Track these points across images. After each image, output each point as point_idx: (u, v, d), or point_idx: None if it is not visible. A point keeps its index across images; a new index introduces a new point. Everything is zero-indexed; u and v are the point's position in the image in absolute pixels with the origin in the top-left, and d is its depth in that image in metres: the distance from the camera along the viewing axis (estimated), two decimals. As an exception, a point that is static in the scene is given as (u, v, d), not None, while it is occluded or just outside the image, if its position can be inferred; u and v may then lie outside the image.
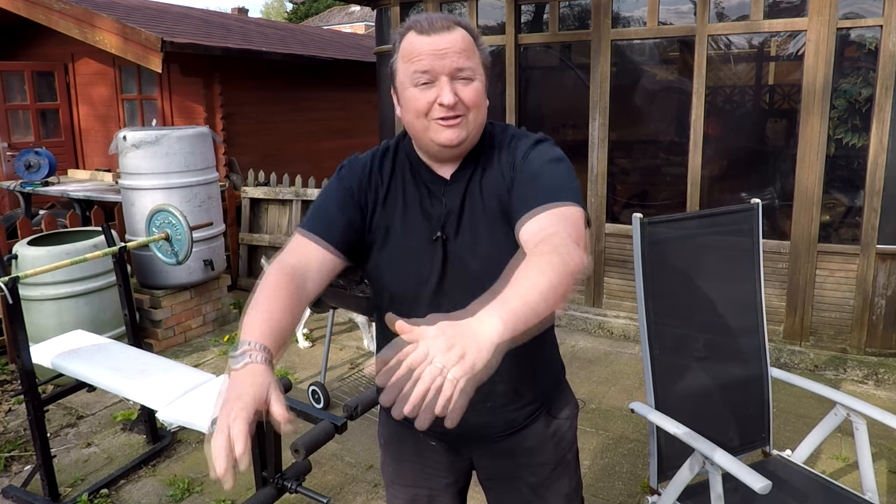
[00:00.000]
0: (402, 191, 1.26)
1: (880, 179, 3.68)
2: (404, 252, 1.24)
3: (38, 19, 6.25)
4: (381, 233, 1.25)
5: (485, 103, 1.20)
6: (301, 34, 9.65)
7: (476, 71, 1.17)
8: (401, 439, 1.47)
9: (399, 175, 1.27)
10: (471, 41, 1.18)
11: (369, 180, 1.27)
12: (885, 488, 2.71)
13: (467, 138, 1.19)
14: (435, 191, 1.24)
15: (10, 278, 2.47)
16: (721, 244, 2.16)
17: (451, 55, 1.13)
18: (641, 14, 4.25)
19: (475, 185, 1.23)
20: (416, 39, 1.16)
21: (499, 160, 1.23)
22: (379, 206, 1.26)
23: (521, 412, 1.37)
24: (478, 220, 1.21)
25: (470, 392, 0.81)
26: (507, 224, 1.17)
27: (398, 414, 0.78)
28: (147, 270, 4.37)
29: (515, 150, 1.22)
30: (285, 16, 33.28)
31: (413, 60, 1.15)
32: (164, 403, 2.24)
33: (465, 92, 1.15)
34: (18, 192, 5.92)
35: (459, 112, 1.16)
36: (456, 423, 0.79)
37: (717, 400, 2.13)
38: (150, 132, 4.29)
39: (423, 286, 1.23)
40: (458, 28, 1.17)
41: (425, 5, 4.83)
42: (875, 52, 3.64)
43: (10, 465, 3.02)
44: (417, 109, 1.16)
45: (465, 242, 1.21)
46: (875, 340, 3.87)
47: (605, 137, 4.42)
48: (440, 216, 1.22)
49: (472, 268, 1.20)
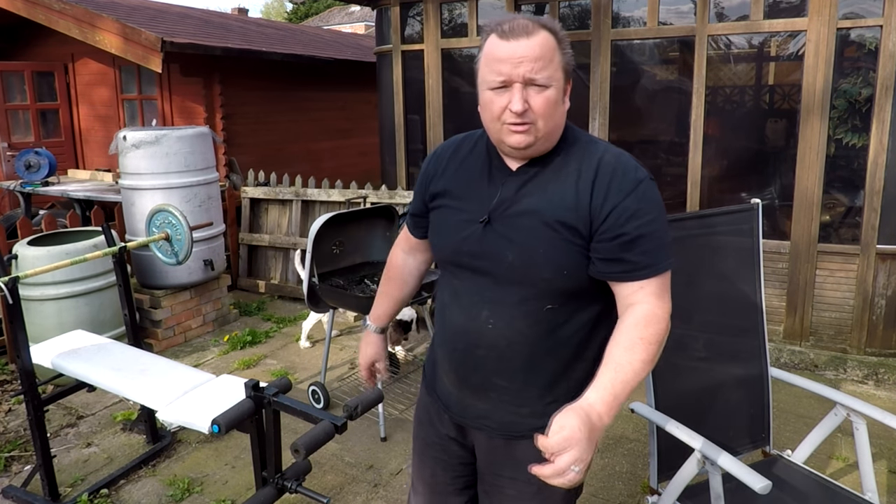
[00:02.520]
0: (469, 171, 1.37)
1: (880, 179, 3.69)
2: (454, 223, 1.34)
3: (39, 19, 6.25)
4: (441, 203, 1.39)
5: (559, 110, 1.24)
6: (301, 34, 9.65)
7: (553, 78, 1.20)
8: (424, 404, 1.57)
9: (472, 158, 1.38)
10: (552, 46, 1.20)
11: (440, 158, 1.43)
12: (885, 488, 2.71)
13: (535, 143, 1.23)
14: (497, 178, 1.31)
15: (10, 278, 2.47)
16: (721, 244, 2.16)
17: (526, 63, 1.17)
18: (641, 14, 4.25)
19: (536, 183, 1.27)
20: (497, 43, 1.20)
21: (578, 173, 1.25)
22: (441, 182, 1.40)
23: (521, 421, 1.36)
24: (525, 217, 1.25)
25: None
26: (565, 233, 1.22)
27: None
28: (147, 270, 4.37)
29: (612, 180, 1.23)
30: (285, 16, 33.28)
31: (491, 64, 1.20)
32: (164, 403, 2.24)
33: (537, 100, 1.19)
34: (18, 192, 5.92)
35: (528, 119, 1.20)
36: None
37: (717, 400, 2.13)
38: (150, 132, 4.29)
39: (464, 257, 1.32)
40: (541, 32, 1.19)
41: (425, 5, 4.83)
42: (875, 52, 3.64)
43: (10, 465, 3.02)
44: (492, 111, 1.23)
45: (506, 232, 1.26)
46: (875, 340, 3.87)
47: (604, 137, 4.41)
48: (492, 202, 1.29)
49: (508, 257, 1.25)
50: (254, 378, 2.23)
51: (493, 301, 1.29)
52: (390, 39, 5.11)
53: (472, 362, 1.34)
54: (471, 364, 1.35)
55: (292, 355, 4.28)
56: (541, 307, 1.26)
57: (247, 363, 4.12)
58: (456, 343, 1.37)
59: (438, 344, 1.46)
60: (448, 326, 1.40)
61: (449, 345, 1.40)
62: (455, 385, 1.41)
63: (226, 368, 4.06)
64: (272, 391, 1.96)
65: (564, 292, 1.26)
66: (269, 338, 4.60)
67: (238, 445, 3.12)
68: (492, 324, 1.29)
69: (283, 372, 3.99)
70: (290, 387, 2.02)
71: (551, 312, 1.25)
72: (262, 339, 4.55)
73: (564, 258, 1.22)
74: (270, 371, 4.02)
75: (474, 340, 1.32)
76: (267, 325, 4.85)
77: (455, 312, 1.37)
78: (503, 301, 1.28)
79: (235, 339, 4.47)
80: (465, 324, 1.34)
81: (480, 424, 1.40)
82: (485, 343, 1.30)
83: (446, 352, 1.41)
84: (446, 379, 1.44)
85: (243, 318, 5.00)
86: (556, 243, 1.22)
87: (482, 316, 1.30)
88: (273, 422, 1.98)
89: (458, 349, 1.36)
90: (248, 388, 1.96)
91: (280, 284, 5.57)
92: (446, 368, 1.42)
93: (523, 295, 1.26)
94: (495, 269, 1.27)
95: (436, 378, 1.50)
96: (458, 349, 1.36)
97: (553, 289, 1.25)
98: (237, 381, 2.35)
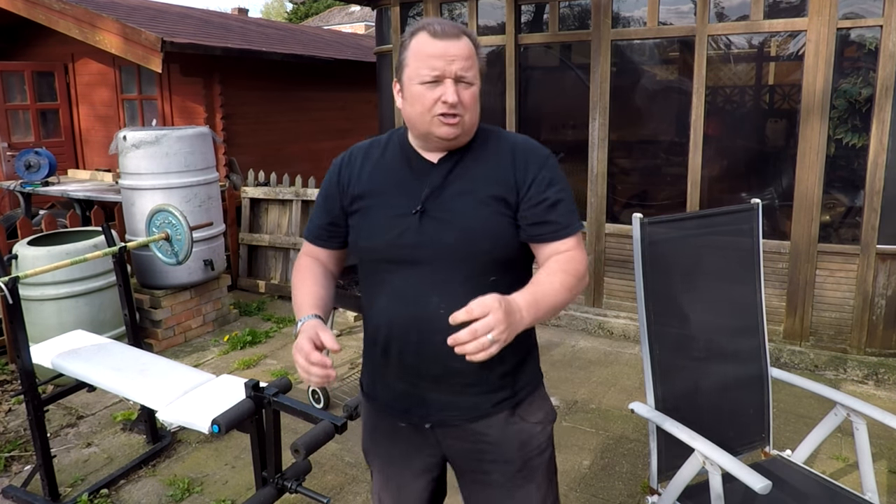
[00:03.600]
0: (388, 171, 1.43)
1: (880, 179, 3.68)
2: (384, 220, 1.39)
3: (39, 19, 6.24)
4: (364, 204, 1.42)
5: (478, 106, 1.38)
6: (301, 34, 9.65)
7: (476, 77, 1.35)
8: (373, 421, 1.56)
9: (387, 159, 1.44)
10: (473, 50, 1.34)
11: (350, 165, 1.47)
12: (885, 488, 2.71)
13: (462, 134, 1.35)
14: (420, 172, 1.40)
15: (10, 278, 2.47)
16: (721, 244, 2.16)
17: (458, 61, 1.30)
18: (641, 14, 4.25)
19: (461, 169, 1.39)
20: (429, 41, 1.31)
21: (497, 155, 1.40)
22: (359, 184, 1.43)
23: (486, 398, 1.41)
24: (458, 198, 1.36)
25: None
26: (497, 206, 1.35)
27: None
28: (147, 270, 4.37)
29: (528, 157, 1.40)
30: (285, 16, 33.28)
31: (424, 60, 1.30)
32: (164, 403, 2.24)
33: (465, 95, 1.32)
34: (18, 192, 5.92)
35: (458, 112, 1.31)
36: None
37: (717, 400, 2.13)
38: (150, 132, 4.29)
39: (402, 250, 1.36)
40: (465, 37, 1.33)
41: (425, 5, 4.83)
42: (875, 52, 3.64)
43: (10, 465, 3.02)
44: (423, 104, 1.31)
45: (443, 216, 1.35)
46: (875, 340, 3.87)
47: (605, 137, 4.42)
48: (422, 193, 1.37)
49: (448, 239, 1.34)
50: (254, 378, 2.23)
51: (440, 285, 1.33)
52: (390, 39, 5.11)
53: (431, 352, 1.34)
54: (429, 354, 1.35)
55: (292, 355, 4.28)
56: (486, 280, 1.32)
57: (247, 363, 4.12)
58: (407, 338, 1.37)
59: (380, 350, 1.43)
60: (391, 325, 1.39)
61: (397, 343, 1.38)
62: (411, 383, 1.41)
63: (226, 368, 4.06)
64: (272, 391, 1.96)
65: (502, 262, 1.38)
66: (269, 338, 4.60)
67: (238, 445, 3.12)
68: (444, 308, 1.29)
69: (283, 372, 3.99)
70: (290, 387, 2.02)
71: (494, 285, 1.27)
72: (262, 339, 4.55)
73: (499, 228, 1.35)
74: (270, 371, 4.02)
75: (428, 328, 1.33)
76: (267, 325, 4.85)
77: (397, 308, 1.37)
78: (449, 283, 1.33)
79: (235, 339, 4.47)
80: (414, 315, 1.35)
81: (444, 416, 1.41)
82: (439, 329, 1.26)
83: (395, 351, 1.39)
84: (398, 381, 1.43)
85: (243, 318, 5.00)
86: (491, 216, 1.35)
87: (432, 303, 1.33)
88: (273, 422, 1.98)
89: (412, 342, 1.36)
90: (248, 388, 1.96)
91: (280, 284, 5.57)
92: (397, 370, 1.41)
93: (467, 273, 1.34)
94: (437, 255, 1.34)
95: (381, 387, 1.48)
96: (412, 342, 1.36)
97: (492, 259, 1.36)
98: (237, 381, 2.35)
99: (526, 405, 1.46)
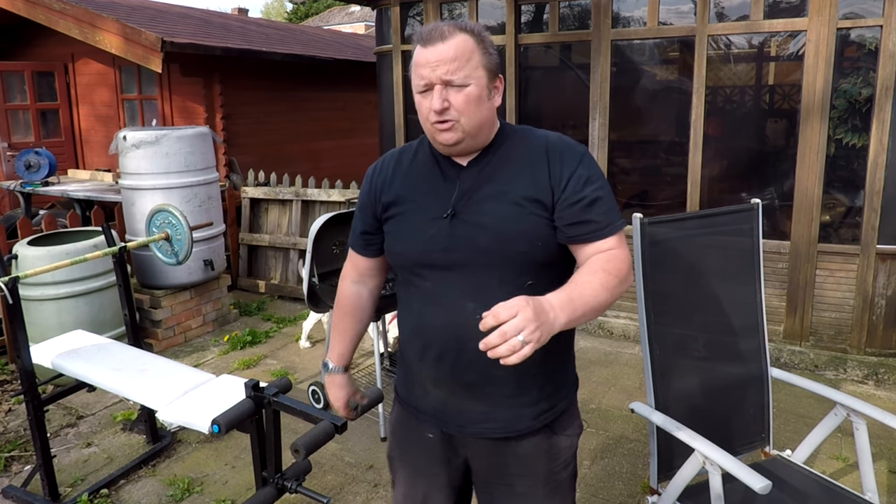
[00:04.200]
0: (419, 176, 1.40)
1: (880, 179, 3.68)
2: (417, 224, 1.37)
3: (39, 19, 6.25)
4: (397, 210, 1.41)
5: (484, 106, 1.31)
6: (301, 34, 9.65)
7: (471, 77, 1.27)
8: (405, 428, 1.54)
9: (418, 164, 1.42)
10: (469, 47, 1.27)
11: (383, 172, 1.46)
12: (885, 488, 2.71)
13: (463, 139, 1.30)
14: (451, 175, 1.37)
15: (10, 278, 2.47)
16: (721, 244, 2.16)
17: (442, 65, 1.25)
18: (641, 14, 4.25)
19: (492, 170, 1.35)
20: (418, 51, 1.29)
21: (529, 155, 1.35)
22: (391, 191, 1.42)
23: (522, 412, 1.37)
24: (491, 200, 1.32)
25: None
26: (532, 207, 1.31)
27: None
28: (147, 270, 4.37)
29: (563, 155, 1.34)
30: (285, 16, 33.28)
31: (416, 70, 1.30)
32: (164, 403, 2.24)
33: (457, 98, 1.27)
34: (18, 192, 5.92)
35: (450, 117, 1.27)
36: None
37: (717, 400, 2.13)
38: (150, 132, 4.29)
39: (434, 255, 1.34)
40: (458, 36, 1.27)
41: (425, 5, 4.83)
42: (875, 52, 3.64)
43: (10, 465, 3.02)
44: (421, 114, 1.31)
45: (475, 219, 1.32)
46: (875, 340, 3.87)
47: (605, 137, 4.42)
48: (453, 196, 1.34)
49: (482, 242, 1.31)
50: (254, 378, 2.23)
51: (475, 290, 1.31)
52: (390, 39, 5.11)
53: (466, 359, 1.33)
54: (465, 361, 1.34)
55: (292, 355, 4.28)
56: (522, 284, 1.30)
57: (247, 363, 4.12)
58: (443, 344, 1.36)
59: (415, 355, 1.43)
60: (427, 331, 1.38)
61: (434, 349, 1.38)
62: (448, 390, 1.40)
63: (226, 368, 4.06)
64: (272, 391, 1.96)
65: (540, 264, 1.33)
66: (269, 338, 4.60)
67: (238, 445, 3.12)
68: (479, 314, 1.28)
69: (283, 372, 3.99)
70: (290, 387, 2.02)
71: (532, 289, 1.25)
72: (262, 339, 4.55)
73: (535, 230, 1.31)
74: (270, 371, 4.02)
75: (464, 335, 1.30)
76: (267, 325, 4.85)
77: (432, 314, 1.37)
78: (485, 288, 1.30)
79: (235, 339, 4.47)
80: (450, 321, 1.34)
81: (482, 429, 1.39)
82: (476, 335, 1.25)
83: (431, 358, 1.39)
84: (434, 389, 1.42)
85: (243, 318, 5.00)
86: (525, 218, 1.30)
87: (468, 309, 1.30)
88: (273, 422, 1.98)
89: (449, 349, 1.35)
90: (248, 388, 1.96)
91: (280, 284, 5.57)
92: (434, 377, 1.40)
93: (503, 276, 1.31)
94: (470, 258, 1.32)
95: (417, 394, 1.48)
96: (449, 349, 1.35)
97: (529, 261, 1.32)
98: (237, 381, 2.35)
99: (564, 416, 1.44)
